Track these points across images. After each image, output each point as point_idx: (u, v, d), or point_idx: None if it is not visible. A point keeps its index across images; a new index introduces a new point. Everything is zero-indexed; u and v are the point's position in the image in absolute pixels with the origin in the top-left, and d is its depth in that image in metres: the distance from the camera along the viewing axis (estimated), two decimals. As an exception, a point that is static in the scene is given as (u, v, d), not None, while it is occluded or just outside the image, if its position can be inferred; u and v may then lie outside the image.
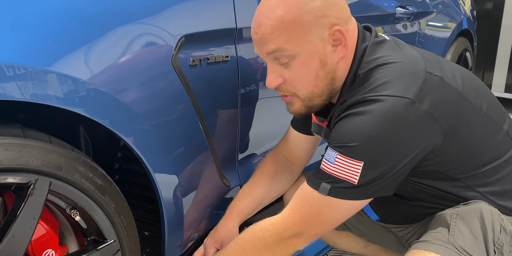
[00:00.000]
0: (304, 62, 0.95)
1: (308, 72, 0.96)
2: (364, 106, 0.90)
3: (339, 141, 0.92)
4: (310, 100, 1.01)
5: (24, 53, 0.79)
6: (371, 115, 0.89)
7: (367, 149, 0.89)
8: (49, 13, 0.85)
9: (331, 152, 0.93)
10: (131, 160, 1.12)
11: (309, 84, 0.98)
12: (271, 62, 0.98)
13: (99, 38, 0.91)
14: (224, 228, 1.21)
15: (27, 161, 0.80)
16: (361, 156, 0.89)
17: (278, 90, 1.02)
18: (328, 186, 0.92)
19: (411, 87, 0.90)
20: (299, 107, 1.03)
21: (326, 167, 0.93)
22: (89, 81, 0.88)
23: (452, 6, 2.76)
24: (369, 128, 0.88)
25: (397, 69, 0.94)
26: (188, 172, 1.15)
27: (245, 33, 1.24)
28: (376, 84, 0.92)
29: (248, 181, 1.29)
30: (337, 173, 0.92)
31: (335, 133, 0.94)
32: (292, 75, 0.97)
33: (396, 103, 0.88)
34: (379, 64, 0.95)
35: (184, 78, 1.07)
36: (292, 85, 0.99)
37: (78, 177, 0.89)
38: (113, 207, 0.97)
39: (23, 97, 0.79)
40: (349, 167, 0.90)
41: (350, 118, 0.92)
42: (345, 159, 0.91)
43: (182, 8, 1.10)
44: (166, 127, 1.06)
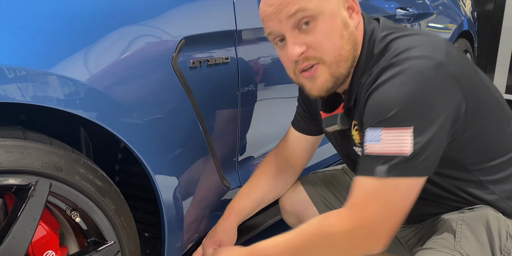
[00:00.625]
0: (328, 21, 0.91)
1: (333, 31, 0.92)
2: (392, 70, 0.87)
3: (378, 116, 0.87)
4: (337, 66, 0.94)
5: (24, 56, 0.80)
6: (402, 77, 0.86)
7: (409, 111, 0.84)
8: (49, 15, 0.86)
9: (373, 132, 0.87)
10: (131, 162, 1.12)
11: (336, 45, 0.92)
12: (290, 31, 0.92)
13: (99, 40, 0.91)
14: (222, 228, 1.21)
15: (27, 163, 0.81)
16: (407, 121, 0.84)
17: (301, 61, 0.94)
18: (385, 167, 0.85)
19: (437, 50, 0.89)
20: (325, 78, 0.94)
21: (374, 148, 0.87)
22: (89, 83, 0.88)
23: (452, 7, 2.76)
24: (405, 90, 0.85)
25: (418, 37, 0.93)
26: (188, 173, 1.16)
27: (245, 35, 1.24)
28: (400, 50, 0.90)
29: (248, 182, 1.29)
30: (388, 149, 0.85)
31: (370, 110, 0.89)
32: (317, 37, 0.91)
33: (426, 63, 0.86)
34: (398, 36, 0.94)
35: (184, 80, 1.07)
36: (318, 48, 0.92)
37: (79, 178, 0.89)
38: (113, 208, 0.97)
39: (24, 99, 0.80)
40: (398, 138, 0.85)
41: (381, 88, 0.88)
42: (392, 131, 0.85)
43: (182, 10, 1.10)
44: (166, 128, 1.07)
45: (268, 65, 1.36)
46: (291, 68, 0.98)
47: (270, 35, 0.97)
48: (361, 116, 0.96)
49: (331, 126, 1.06)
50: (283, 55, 0.98)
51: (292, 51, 0.92)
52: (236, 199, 1.26)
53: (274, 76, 1.40)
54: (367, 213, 0.87)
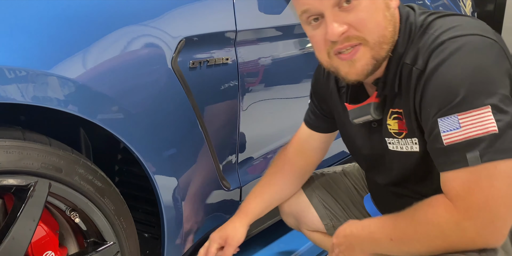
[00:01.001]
0: (372, 0, 0.86)
1: (376, 10, 0.86)
2: (446, 49, 0.82)
3: (446, 102, 0.80)
4: (379, 48, 0.87)
5: (24, 56, 0.80)
6: (460, 55, 0.80)
7: (479, 89, 0.78)
8: (49, 16, 0.86)
9: (447, 120, 0.80)
10: (131, 162, 1.12)
11: (380, 24, 0.86)
12: (330, 9, 0.85)
13: (99, 40, 0.91)
14: (231, 225, 1.19)
15: (27, 163, 0.81)
16: (481, 100, 0.78)
17: (341, 41, 0.86)
18: (475, 153, 0.78)
19: (485, 28, 0.85)
20: (366, 61, 0.87)
21: (456, 136, 0.80)
22: (88, 83, 0.88)
23: (453, 8, 2.76)
24: (467, 67, 0.79)
25: (460, 17, 0.88)
26: (188, 174, 1.16)
27: (245, 35, 1.24)
28: (446, 28, 0.84)
29: (260, 181, 1.27)
30: (473, 133, 0.78)
31: (434, 97, 0.82)
32: (360, 15, 0.85)
33: (480, 39, 0.81)
34: (438, 16, 0.89)
35: (184, 81, 1.07)
36: (361, 28, 0.85)
37: (78, 179, 0.89)
38: (112, 209, 0.97)
39: (24, 100, 0.80)
40: (479, 119, 0.78)
41: (440, 71, 0.81)
42: (469, 115, 0.78)
43: (182, 11, 1.10)
44: (165, 129, 1.07)
45: (268, 66, 1.36)
46: (324, 49, 0.89)
47: (304, 13, 0.89)
48: (409, 104, 0.89)
49: (361, 117, 0.99)
50: (317, 36, 0.89)
51: (333, 29, 0.84)
52: (248, 198, 1.24)
53: (274, 77, 1.40)
54: (474, 203, 0.79)
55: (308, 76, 1.56)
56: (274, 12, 1.37)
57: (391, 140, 0.97)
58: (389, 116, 0.96)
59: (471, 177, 0.79)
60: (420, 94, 0.86)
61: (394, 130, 0.96)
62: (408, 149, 0.94)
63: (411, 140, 0.93)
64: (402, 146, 0.95)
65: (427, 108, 0.84)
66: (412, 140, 0.93)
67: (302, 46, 1.50)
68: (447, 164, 0.82)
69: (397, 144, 0.96)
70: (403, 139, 0.94)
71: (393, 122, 0.95)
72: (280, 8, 1.38)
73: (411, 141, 0.93)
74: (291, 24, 1.42)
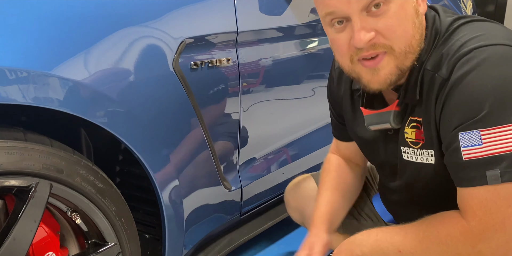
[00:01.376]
0: (402, 6, 0.81)
1: (406, 17, 0.82)
2: (474, 59, 0.78)
3: (471, 116, 0.77)
4: (405, 57, 0.84)
5: (25, 57, 0.80)
6: (487, 66, 0.77)
7: (505, 105, 0.75)
8: (50, 17, 0.86)
9: (470, 134, 0.77)
10: (132, 163, 1.12)
11: (408, 32, 0.82)
12: (357, 13, 0.81)
13: (100, 41, 0.91)
14: (312, 234, 1.10)
15: (28, 164, 0.81)
16: (506, 117, 0.75)
17: (367, 48, 0.83)
18: (495, 172, 0.75)
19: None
20: (390, 70, 0.84)
21: (477, 153, 0.77)
22: (90, 84, 0.88)
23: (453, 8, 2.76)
24: (494, 80, 0.75)
25: (488, 23, 0.85)
26: (189, 174, 1.16)
27: (246, 36, 1.24)
28: (475, 35, 0.81)
29: (323, 191, 1.17)
30: (495, 150, 0.75)
31: (457, 109, 0.79)
32: (389, 22, 0.81)
33: (509, 49, 0.78)
34: (465, 21, 0.85)
35: (185, 82, 1.07)
36: (389, 35, 0.81)
37: (79, 180, 0.89)
38: (113, 210, 0.97)
39: (25, 101, 0.80)
40: (502, 136, 0.75)
41: (465, 81, 0.78)
42: (492, 131, 0.75)
43: (183, 12, 1.10)
44: (167, 130, 1.07)
45: (269, 67, 1.36)
46: (347, 55, 0.85)
47: (328, 15, 0.84)
48: (430, 112, 0.86)
49: (378, 125, 0.95)
50: (340, 39, 0.85)
51: (361, 36, 0.80)
52: (318, 206, 1.15)
53: (275, 78, 1.40)
54: (490, 224, 0.77)
55: (309, 76, 1.56)
56: (275, 13, 1.37)
57: (406, 149, 0.94)
58: (408, 124, 0.92)
59: (490, 196, 0.77)
60: (442, 104, 0.82)
61: (411, 139, 0.92)
62: (423, 160, 0.91)
63: (427, 152, 0.90)
64: (417, 156, 0.92)
65: (448, 119, 0.81)
66: (428, 152, 0.90)
67: (303, 47, 1.50)
68: (465, 180, 0.80)
69: (412, 154, 0.93)
70: (419, 150, 0.91)
71: (411, 131, 0.92)
72: (281, 9, 1.38)
73: (427, 153, 0.90)
74: (292, 25, 1.42)
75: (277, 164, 1.53)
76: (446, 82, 0.81)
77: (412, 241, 0.85)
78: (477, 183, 0.78)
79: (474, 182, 0.78)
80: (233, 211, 1.37)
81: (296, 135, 1.59)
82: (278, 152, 1.53)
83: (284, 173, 1.54)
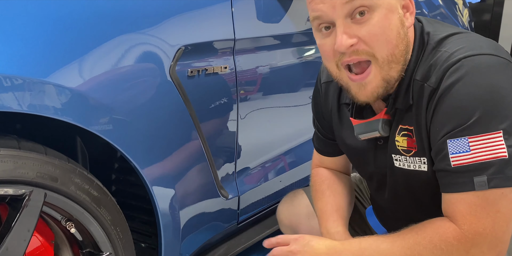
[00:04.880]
0: (386, 16, 0.83)
1: (390, 27, 0.83)
2: (461, 68, 0.80)
3: (459, 124, 0.79)
4: (388, 67, 0.85)
5: (21, 64, 0.79)
6: (475, 75, 0.78)
7: (493, 113, 0.77)
8: (46, 23, 0.85)
9: (458, 141, 0.79)
10: (128, 171, 1.11)
11: (391, 42, 0.83)
12: (342, 19, 0.83)
13: (96, 48, 0.91)
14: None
15: (22, 172, 0.80)
16: (494, 125, 0.77)
17: (349, 54, 0.84)
18: (483, 178, 0.77)
19: (500, 48, 0.84)
20: (377, 84, 0.85)
21: (464, 159, 0.79)
22: (85, 92, 0.87)
23: (450, 17, 2.78)
24: (482, 89, 0.77)
25: (474, 35, 0.87)
26: (186, 183, 1.15)
27: (243, 44, 1.24)
28: (462, 45, 0.83)
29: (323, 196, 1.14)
30: (483, 157, 0.77)
31: (446, 117, 0.81)
32: (372, 29, 0.82)
33: (496, 59, 0.80)
34: (450, 34, 0.87)
35: (182, 89, 1.07)
36: (371, 43, 0.83)
37: (74, 188, 0.88)
38: (109, 219, 0.96)
39: (21, 108, 0.79)
40: (490, 143, 0.77)
41: (453, 90, 0.80)
42: (480, 138, 0.77)
43: (180, 19, 1.10)
44: (163, 137, 1.06)
45: (266, 74, 1.36)
46: (333, 60, 0.87)
47: (316, 20, 0.86)
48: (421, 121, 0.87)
49: (368, 133, 0.95)
50: (326, 45, 0.87)
51: (342, 41, 0.82)
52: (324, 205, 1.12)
53: (272, 85, 1.40)
54: (481, 229, 0.79)
55: (306, 84, 1.56)
56: (273, 21, 1.37)
57: (398, 157, 0.95)
58: (398, 132, 0.93)
59: (478, 202, 0.79)
60: (432, 112, 0.84)
61: (402, 147, 0.93)
62: (415, 167, 0.92)
63: (420, 159, 0.91)
64: (410, 164, 0.93)
65: (437, 127, 0.83)
66: (421, 159, 0.91)
67: (300, 55, 1.50)
68: (452, 186, 0.81)
69: (404, 161, 0.94)
70: (411, 157, 0.92)
71: (402, 139, 0.93)
72: (279, 17, 1.38)
73: (420, 160, 0.91)
74: (290, 33, 1.43)
75: (274, 172, 1.53)
76: (436, 91, 0.83)
77: (401, 248, 0.85)
78: (464, 188, 0.80)
79: (461, 187, 0.80)
80: (230, 219, 1.36)
81: (293, 143, 1.58)
82: (275, 160, 1.52)
83: (281, 181, 1.54)
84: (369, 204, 1.28)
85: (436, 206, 0.89)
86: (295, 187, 1.56)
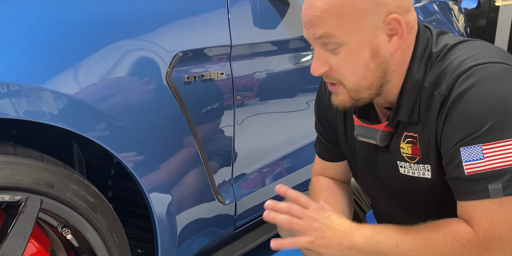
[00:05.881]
0: (353, 52, 0.85)
1: (357, 62, 0.86)
2: (473, 76, 0.80)
3: (472, 131, 0.79)
4: (356, 93, 0.89)
5: (17, 71, 0.80)
6: (486, 83, 0.79)
7: (506, 120, 0.78)
8: (42, 30, 0.86)
9: (472, 149, 0.79)
10: (124, 177, 1.11)
11: (357, 75, 0.87)
12: (318, 46, 0.88)
13: (93, 55, 0.91)
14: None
15: (18, 179, 0.80)
16: (507, 132, 0.77)
17: (324, 77, 0.91)
18: (497, 185, 0.78)
19: (508, 56, 0.85)
20: (344, 99, 0.91)
21: (478, 167, 0.79)
22: (82, 98, 0.88)
23: (446, 23, 2.80)
24: (494, 96, 0.78)
25: (483, 43, 0.88)
26: (182, 189, 1.15)
27: (240, 50, 1.25)
28: (471, 53, 0.83)
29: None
30: (497, 164, 0.78)
31: (458, 125, 0.81)
32: (339, 63, 0.86)
33: (507, 68, 0.81)
34: (458, 42, 0.88)
35: (179, 95, 1.07)
36: (339, 74, 0.88)
37: (70, 195, 0.88)
38: (105, 225, 0.96)
39: (17, 115, 0.79)
40: (504, 150, 0.78)
41: (465, 98, 0.80)
42: (494, 146, 0.78)
43: (177, 25, 1.10)
44: (159, 143, 1.06)
45: (263, 80, 1.36)
46: None
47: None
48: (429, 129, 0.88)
49: (366, 138, 0.97)
50: None
51: (314, 69, 0.89)
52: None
53: (269, 91, 1.40)
54: (497, 236, 0.79)
55: (303, 90, 1.57)
56: (269, 27, 1.38)
57: (403, 163, 0.95)
58: (403, 139, 0.93)
59: (494, 209, 0.79)
60: (443, 120, 0.84)
61: (407, 154, 0.94)
62: (419, 174, 0.93)
63: (424, 167, 0.91)
64: (414, 171, 0.93)
65: (449, 135, 0.83)
66: (424, 167, 0.91)
67: (296, 61, 1.51)
68: (467, 194, 0.81)
69: (409, 168, 0.94)
70: (416, 164, 0.93)
71: (407, 146, 0.93)
72: (275, 23, 1.39)
73: (424, 167, 0.91)
74: (286, 39, 1.43)
75: (271, 177, 1.53)
76: (447, 99, 0.83)
77: (413, 238, 0.85)
78: (479, 196, 0.79)
79: (476, 195, 0.80)
80: (227, 225, 1.36)
81: (290, 148, 1.59)
82: (272, 165, 1.52)
83: (278, 186, 1.53)
84: (369, 209, 1.28)
85: (438, 213, 0.89)
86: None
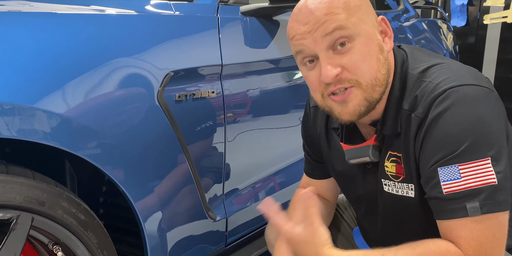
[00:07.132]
0: (366, 43, 0.86)
1: (370, 53, 0.87)
2: (448, 99, 0.83)
3: (449, 152, 0.82)
4: (372, 90, 0.88)
5: (9, 90, 0.81)
6: (461, 105, 0.82)
7: (480, 141, 0.80)
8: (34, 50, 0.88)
9: (449, 169, 0.82)
10: (115, 194, 1.12)
11: (373, 67, 0.87)
12: (324, 51, 0.86)
13: (84, 75, 0.93)
14: None
15: (9, 197, 0.81)
16: (482, 152, 0.80)
17: (334, 83, 0.87)
18: (475, 203, 0.80)
19: (481, 77, 0.87)
20: (358, 102, 0.88)
21: (456, 186, 0.81)
22: (74, 117, 0.89)
23: (434, 41, 2.85)
24: (469, 118, 0.81)
25: (456, 64, 0.91)
26: (173, 205, 1.16)
27: (230, 69, 1.28)
28: (446, 76, 0.86)
29: None
30: (474, 183, 0.80)
31: (435, 146, 0.84)
32: (353, 58, 0.86)
33: (479, 89, 0.84)
34: (435, 64, 0.91)
35: (170, 114, 1.09)
36: (354, 70, 0.86)
37: (61, 212, 0.89)
38: (96, 242, 0.96)
39: (10, 134, 0.81)
40: (480, 170, 0.80)
41: (441, 120, 0.83)
42: (471, 165, 0.80)
43: (168, 45, 1.13)
44: (150, 161, 1.07)
45: (253, 98, 1.39)
46: (319, 90, 0.91)
47: (299, 54, 0.91)
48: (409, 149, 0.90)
49: (358, 158, 0.98)
50: (312, 76, 0.91)
51: (327, 72, 0.85)
52: None
53: (259, 108, 1.42)
54: (483, 253, 0.81)
55: (293, 107, 1.59)
56: (260, 47, 1.42)
57: (387, 181, 0.97)
58: (387, 158, 0.96)
59: (477, 227, 0.81)
60: (420, 142, 0.86)
61: (391, 173, 0.96)
62: (403, 193, 0.94)
63: (407, 186, 0.93)
64: (398, 189, 0.95)
65: (426, 156, 0.85)
66: (408, 186, 0.93)
67: (286, 79, 1.53)
68: (446, 213, 0.83)
69: (393, 186, 0.96)
70: (400, 183, 0.94)
71: (391, 165, 0.96)
72: (266, 42, 1.43)
73: (407, 186, 0.93)
74: (277, 58, 1.46)
75: (263, 193, 1.54)
76: (423, 121, 0.86)
77: None
78: (457, 215, 0.82)
79: (455, 214, 0.82)
80: (218, 241, 1.36)
81: (281, 164, 1.60)
82: (263, 182, 1.54)
83: (269, 202, 1.54)
84: (356, 225, 1.29)
85: (422, 232, 0.90)
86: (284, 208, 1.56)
